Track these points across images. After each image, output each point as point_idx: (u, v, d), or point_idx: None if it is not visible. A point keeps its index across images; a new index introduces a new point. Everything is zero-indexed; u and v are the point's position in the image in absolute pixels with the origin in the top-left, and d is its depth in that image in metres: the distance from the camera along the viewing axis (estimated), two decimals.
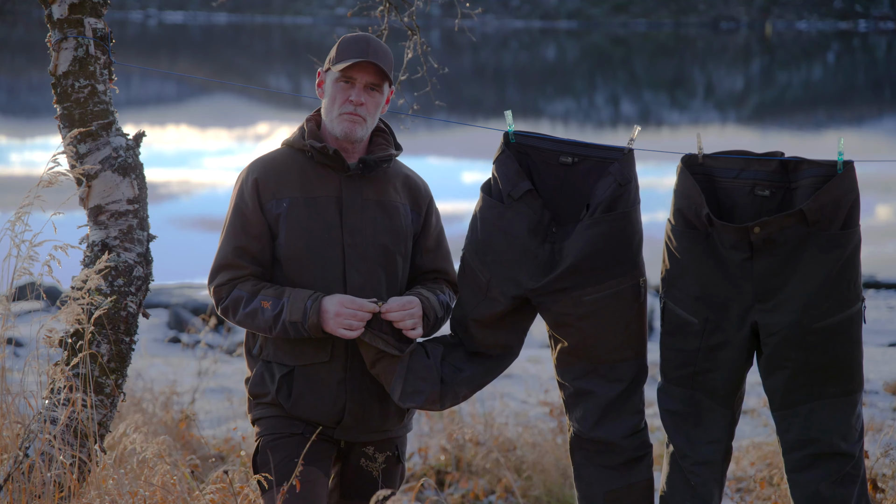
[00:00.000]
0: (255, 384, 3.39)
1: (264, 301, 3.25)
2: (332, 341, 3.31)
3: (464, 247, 3.48)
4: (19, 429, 3.49)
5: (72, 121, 3.61)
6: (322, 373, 3.33)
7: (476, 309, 3.43)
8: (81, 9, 3.62)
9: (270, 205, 3.32)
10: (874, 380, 9.17)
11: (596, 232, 3.31)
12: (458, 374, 3.42)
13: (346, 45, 3.35)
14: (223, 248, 3.35)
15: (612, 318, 3.35)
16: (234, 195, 3.39)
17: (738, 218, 3.27)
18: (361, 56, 3.31)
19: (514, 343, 3.49)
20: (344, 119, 3.33)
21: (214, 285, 3.34)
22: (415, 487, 5.66)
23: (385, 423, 3.41)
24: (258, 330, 3.30)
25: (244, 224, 3.33)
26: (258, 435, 3.39)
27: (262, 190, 3.33)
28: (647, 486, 3.44)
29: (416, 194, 3.48)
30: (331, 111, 3.35)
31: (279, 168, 3.36)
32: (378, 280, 3.36)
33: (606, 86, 45.43)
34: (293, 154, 3.39)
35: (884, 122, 32.36)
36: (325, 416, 3.34)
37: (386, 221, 3.38)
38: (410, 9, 4.79)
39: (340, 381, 3.34)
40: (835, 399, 3.24)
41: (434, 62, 4.95)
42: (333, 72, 3.34)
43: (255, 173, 3.36)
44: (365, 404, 3.36)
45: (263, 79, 37.88)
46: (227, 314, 3.33)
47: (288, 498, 3.22)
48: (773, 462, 5.86)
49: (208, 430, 7.25)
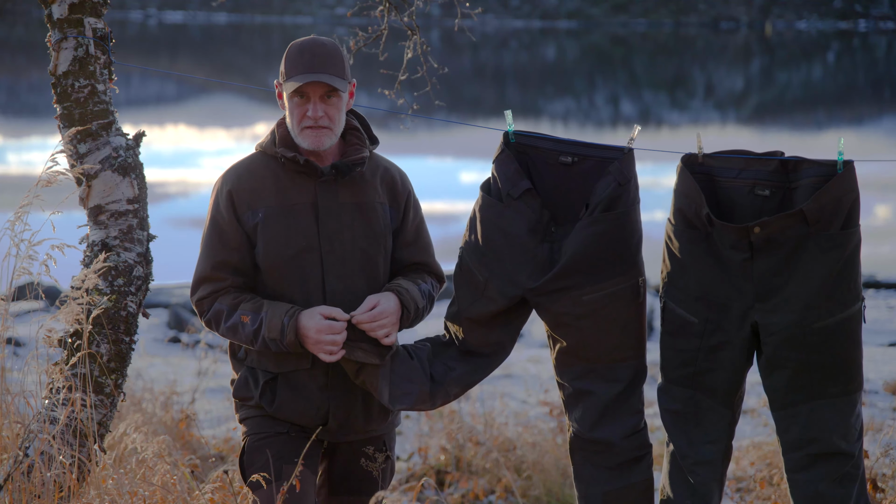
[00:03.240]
0: (239, 388, 3.41)
1: (244, 315, 3.24)
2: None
3: (461, 245, 3.48)
4: (19, 429, 3.49)
5: (72, 120, 3.61)
6: (304, 379, 3.32)
7: (471, 307, 3.43)
8: (81, 9, 3.62)
9: (246, 216, 3.29)
10: (874, 380, 9.17)
11: (595, 231, 3.30)
12: (450, 372, 3.42)
13: (292, 58, 3.27)
14: (202, 261, 3.33)
15: (610, 318, 3.35)
16: (210, 206, 3.36)
17: (738, 218, 3.27)
18: (307, 71, 3.23)
19: (507, 342, 3.48)
20: (307, 134, 3.27)
21: (196, 298, 3.33)
22: (415, 487, 5.66)
23: (369, 424, 3.41)
24: (242, 343, 3.30)
25: (221, 236, 3.30)
26: (244, 434, 3.41)
27: (238, 201, 3.29)
28: (647, 486, 3.44)
29: (393, 190, 3.43)
30: (292, 126, 3.30)
31: (253, 177, 3.32)
32: (358, 285, 3.33)
33: (606, 86, 45.42)
34: (266, 160, 3.35)
35: (884, 122, 32.36)
36: (308, 420, 3.34)
37: (364, 225, 3.34)
38: (410, 9, 4.79)
39: (323, 387, 3.33)
40: (835, 399, 3.24)
41: (434, 62, 4.95)
42: (285, 89, 3.28)
43: (228, 184, 3.32)
44: (348, 408, 3.35)
45: (263, 79, 37.87)
46: (210, 326, 3.32)
47: (278, 494, 3.23)
48: (773, 462, 5.86)
49: (208, 430, 7.25)
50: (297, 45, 3.31)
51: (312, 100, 3.26)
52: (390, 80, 4.88)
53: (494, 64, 52.12)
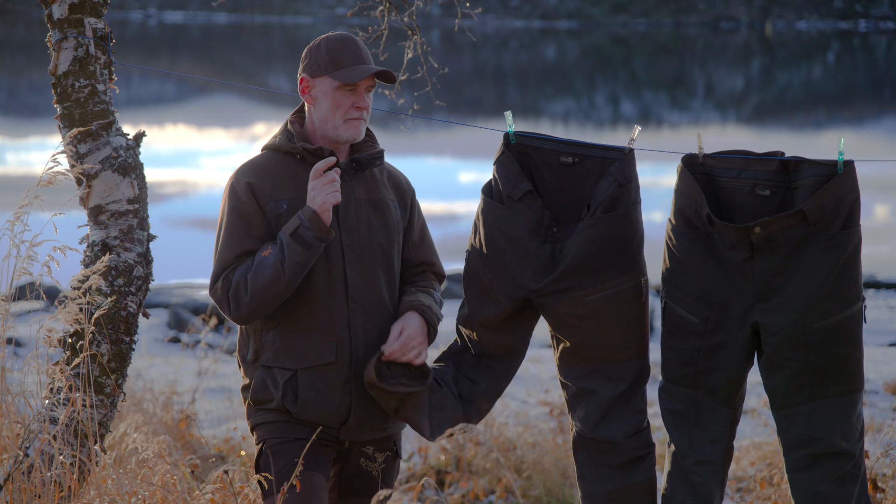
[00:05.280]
0: (257, 391, 3.32)
1: (263, 251, 3.21)
2: (336, 342, 3.30)
3: (467, 249, 3.49)
4: (19, 429, 3.49)
5: (72, 121, 3.61)
6: (327, 374, 3.31)
7: (480, 310, 3.44)
8: (81, 9, 3.61)
9: (269, 206, 3.28)
10: (874, 380, 9.17)
11: (597, 232, 3.30)
12: (476, 386, 3.46)
13: (339, 51, 3.29)
14: (224, 253, 3.27)
15: (613, 317, 3.35)
16: (226, 200, 3.32)
17: (738, 218, 3.27)
18: (359, 63, 3.29)
19: (519, 345, 3.50)
20: (352, 125, 3.31)
21: (219, 284, 3.25)
22: (415, 487, 5.66)
23: (386, 421, 3.41)
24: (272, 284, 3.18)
25: (246, 226, 3.27)
26: (260, 439, 3.34)
27: (259, 192, 3.28)
28: (650, 485, 3.44)
29: (400, 190, 3.47)
30: (333, 118, 3.31)
31: (271, 171, 3.32)
32: (377, 278, 3.35)
33: (606, 86, 45.44)
34: (280, 157, 3.35)
35: (883, 122, 32.38)
36: (330, 418, 3.32)
37: (379, 220, 3.37)
38: (410, 9, 4.79)
39: (346, 382, 3.32)
40: (835, 399, 3.24)
41: (434, 62, 4.95)
42: (332, 80, 3.29)
43: (247, 177, 3.30)
44: (368, 404, 3.35)
45: (263, 79, 37.86)
46: (238, 297, 3.20)
47: (291, 501, 3.21)
48: (773, 462, 5.86)
49: (208, 430, 7.25)
50: (337, 38, 3.33)
51: (360, 91, 3.30)
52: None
53: (494, 64, 52.15)
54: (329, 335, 3.29)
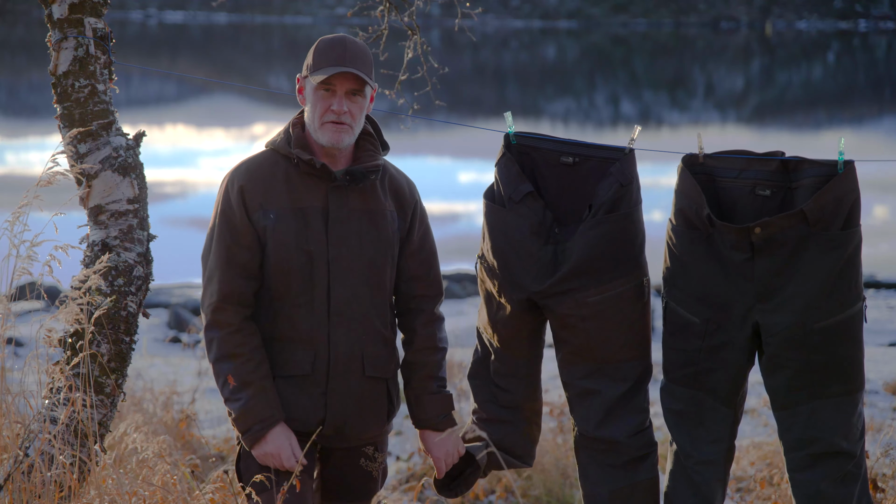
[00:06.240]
0: None
1: (230, 376, 3.22)
2: (314, 353, 3.27)
3: (478, 254, 3.50)
4: (19, 428, 3.49)
5: (72, 120, 3.61)
6: (302, 384, 3.29)
7: (494, 314, 3.48)
8: (81, 9, 3.61)
9: (257, 215, 3.25)
10: (874, 380, 9.17)
11: (598, 233, 3.30)
12: (512, 394, 3.57)
13: (322, 51, 3.25)
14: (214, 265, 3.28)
15: (616, 318, 3.35)
16: (219, 201, 3.31)
17: (738, 218, 3.27)
18: (338, 64, 3.20)
19: (535, 344, 3.55)
20: (328, 128, 3.24)
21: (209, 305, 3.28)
22: (415, 487, 5.66)
23: (365, 432, 3.37)
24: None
25: (234, 235, 3.26)
26: (239, 440, 3.35)
27: (249, 200, 3.25)
28: (652, 484, 3.44)
29: (401, 198, 3.38)
30: (313, 120, 3.26)
31: (265, 175, 3.28)
32: (363, 294, 3.29)
33: (606, 86, 45.44)
34: (278, 159, 3.31)
35: (883, 122, 32.38)
36: (304, 426, 3.30)
37: (372, 232, 3.30)
38: (410, 9, 4.79)
39: (322, 394, 3.29)
40: (836, 398, 3.24)
41: (434, 62, 4.95)
42: (312, 81, 3.25)
43: (241, 180, 3.28)
44: (344, 415, 3.31)
45: (263, 79, 37.85)
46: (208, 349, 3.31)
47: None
48: (774, 462, 5.86)
49: (208, 430, 7.25)
50: (327, 39, 3.29)
51: (338, 94, 3.23)
52: (390, 80, 4.87)
53: (494, 64, 52.15)
54: (307, 347, 3.26)
